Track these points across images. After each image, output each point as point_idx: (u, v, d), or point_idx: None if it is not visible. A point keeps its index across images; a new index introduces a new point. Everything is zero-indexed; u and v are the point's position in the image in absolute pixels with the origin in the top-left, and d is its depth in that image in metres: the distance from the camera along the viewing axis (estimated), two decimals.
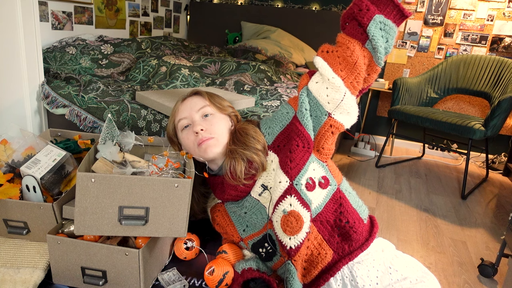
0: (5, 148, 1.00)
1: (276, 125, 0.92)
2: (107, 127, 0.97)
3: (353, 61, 0.81)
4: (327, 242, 0.89)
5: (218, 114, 0.95)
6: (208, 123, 0.92)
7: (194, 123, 0.92)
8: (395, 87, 2.90)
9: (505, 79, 2.65)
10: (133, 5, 2.84)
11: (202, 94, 0.97)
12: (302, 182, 0.85)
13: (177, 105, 0.97)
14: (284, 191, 0.85)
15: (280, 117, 0.92)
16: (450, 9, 3.16)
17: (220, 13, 3.65)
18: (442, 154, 3.44)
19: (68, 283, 0.86)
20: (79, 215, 0.79)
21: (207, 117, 0.93)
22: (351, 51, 0.81)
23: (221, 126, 0.93)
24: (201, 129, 0.90)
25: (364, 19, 0.79)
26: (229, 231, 0.99)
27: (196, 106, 0.94)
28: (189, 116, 0.93)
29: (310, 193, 0.86)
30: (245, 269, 0.89)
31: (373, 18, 0.79)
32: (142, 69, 1.94)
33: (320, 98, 0.85)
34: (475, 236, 1.99)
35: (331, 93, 0.83)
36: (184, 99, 0.97)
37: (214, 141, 0.90)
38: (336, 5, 3.40)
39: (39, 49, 1.50)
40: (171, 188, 0.80)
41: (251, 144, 0.89)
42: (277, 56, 3.02)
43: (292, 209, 0.84)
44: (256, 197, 0.92)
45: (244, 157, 0.87)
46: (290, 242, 0.86)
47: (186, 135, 0.93)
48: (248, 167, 0.87)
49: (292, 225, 0.84)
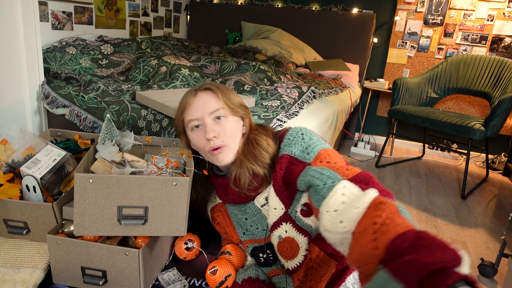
0: (5, 148, 1.00)
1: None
2: (106, 127, 0.97)
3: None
4: (329, 256, 0.88)
5: (231, 116, 0.89)
6: (221, 128, 0.86)
7: (206, 128, 0.85)
8: (395, 87, 2.90)
9: (505, 79, 2.65)
10: (133, 5, 2.84)
11: (215, 92, 0.88)
12: (297, 210, 0.84)
13: (189, 99, 0.89)
14: (280, 218, 0.85)
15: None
16: (450, 9, 3.16)
17: (220, 13, 3.65)
18: (442, 154, 3.43)
19: (68, 283, 0.86)
20: (78, 216, 0.79)
21: (220, 120, 0.87)
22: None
23: (234, 131, 0.88)
24: (214, 136, 0.85)
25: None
26: (229, 231, 0.99)
27: (209, 107, 0.86)
28: (201, 119, 0.86)
29: (307, 219, 0.85)
30: (245, 279, 0.89)
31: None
32: (142, 69, 1.94)
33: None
34: (475, 236, 1.99)
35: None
36: (196, 94, 0.89)
37: (226, 150, 0.86)
38: (336, 5, 3.40)
39: (39, 49, 1.50)
40: (169, 186, 0.80)
41: (261, 157, 0.86)
42: (277, 56, 3.03)
43: (288, 235, 0.84)
44: (259, 207, 0.91)
45: (251, 170, 0.85)
46: (287, 264, 0.88)
47: (197, 137, 0.88)
48: (253, 179, 0.86)
49: (287, 251, 0.85)
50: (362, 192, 0.69)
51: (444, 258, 0.52)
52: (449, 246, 0.53)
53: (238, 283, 0.89)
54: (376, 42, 3.41)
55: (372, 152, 3.23)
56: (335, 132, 2.17)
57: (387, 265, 0.54)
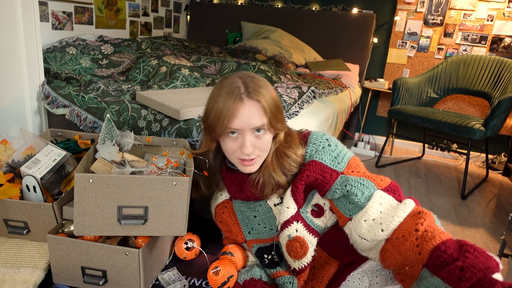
0: (5, 148, 1.00)
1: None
2: (106, 127, 0.97)
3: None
4: (332, 256, 0.90)
5: (269, 133, 0.84)
6: (259, 142, 0.82)
7: (245, 142, 0.80)
8: (395, 87, 2.90)
9: (505, 79, 2.65)
10: (133, 5, 2.84)
11: (264, 106, 0.79)
12: (307, 210, 0.86)
13: (235, 105, 0.78)
14: (291, 217, 0.85)
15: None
16: (450, 9, 3.16)
17: (220, 13, 3.65)
18: (442, 154, 3.44)
19: (68, 283, 0.86)
20: (78, 216, 0.79)
21: (259, 134, 0.82)
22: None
23: (269, 144, 0.85)
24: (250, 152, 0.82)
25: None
26: (234, 230, 0.98)
27: (254, 122, 0.79)
28: (241, 130, 0.80)
29: (317, 220, 0.87)
30: (247, 280, 0.89)
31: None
32: (142, 69, 1.94)
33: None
34: (475, 236, 1.99)
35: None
36: (242, 102, 0.78)
37: (257, 161, 0.84)
38: (336, 5, 3.40)
39: (39, 49, 1.50)
40: (169, 186, 0.80)
41: (289, 167, 0.85)
42: (277, 56, 3.03)
43: (298, 235, 0.85)
44: (271, 206, 0.91)
45: (276, 181, 0.85)
46: (294, 264, 0.88)
47: (231, 144, 0.83)
48: (275, 188, 0.87)
49: (296, 250, 0.85)
50: (398, 203, 0.76)
51: (490, 264, 0.58)
52: (489, 253, 0.61)
53: (240, 284, 0.89)
54: (376, 42, 3.41)
55: (372, 152, 3.23)
56: (335, 132, 2.17)
57: (438, 273, 0.61)
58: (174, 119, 1.32)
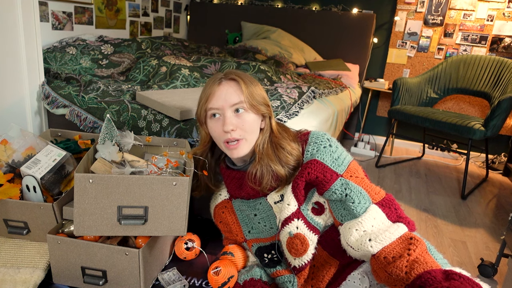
0: (5, 148, 1.00)
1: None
2: (106, 127, 0.97)
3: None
4: (332, 255, 0.90)
5: (251, 112, 0.87)
6: (240, 121, 0.85)
7: (225, 120, 0.84)
8: (395, 87, 2.90)
9: (505, 79, 2.65)
10: (133, 5, 2.84)
11: (239, 84, 0.86)
12: (308, 208, 0.87)
13: (213, 88, 0.86)
14: (292, 214, 0.86)
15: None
16: (450, 9, 3.16)
17: (220, 13, 3.65)
18: (442, 154, 3.44)
19: (68, 283, 0.86)
20: (78, 216, 0.79)
21: (239, 113, 0.85)
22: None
23: (252, 125, 0.87)
24: (232, 129, 0.84)
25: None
26: (234, 230, 0.98)
27: (231, 99, 0.84)
28: (221, 108, 0.85)
29: (317, 217, 0.87)
30: (247, 281, 0.89)
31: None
32: (142, 69, 1.94)
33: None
34: (475, 236, 1.99)
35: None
36: (220, 82, 0.86)
37: (242, 143, 0.86)
38: (336, 5, 3.40)
39: (39, 49, 1.50)
40: (169, 186, 0.80)
41: (285, 159, 0.86)
42: (277, 56, 3.02)
43: (298, 232, 0.85)
44: (271, 203, 0.91)
45: (274, 171, 0.85)
46: (295, 262, 0.88)
47: (214, 125, 0.87)
48: (273, 180, 0.87)
49: (297, 247, 0.86)
50: (391, 223, 0.79)
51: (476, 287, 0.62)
52: (476, 281, 0.64)
53: (240, 284, 0.89)
54: (376, 42, 3.41)
55: (372, 152, 3.23)
56: (335, 132, 2.17)
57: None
58: (174, 119, 1.32)
